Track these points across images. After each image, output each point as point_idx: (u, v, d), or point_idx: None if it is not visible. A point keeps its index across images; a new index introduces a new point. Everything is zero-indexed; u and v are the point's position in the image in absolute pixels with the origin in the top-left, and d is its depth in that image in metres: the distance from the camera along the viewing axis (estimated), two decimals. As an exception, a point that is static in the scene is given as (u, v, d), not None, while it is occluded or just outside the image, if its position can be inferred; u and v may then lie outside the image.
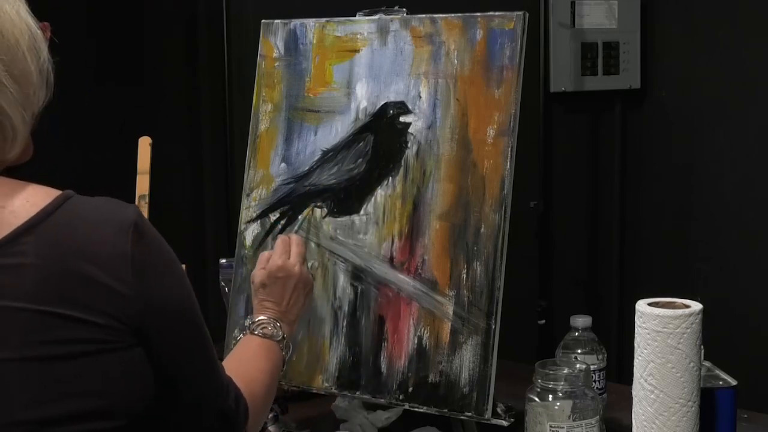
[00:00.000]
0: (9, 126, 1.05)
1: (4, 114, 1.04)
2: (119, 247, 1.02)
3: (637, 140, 3.18)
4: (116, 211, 1.05)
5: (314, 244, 1.66)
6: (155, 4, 2.71)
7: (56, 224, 1.01)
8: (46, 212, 1.01)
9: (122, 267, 1.01)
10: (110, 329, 1.00)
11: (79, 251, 1.00)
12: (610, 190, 3.23)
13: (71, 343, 0.99)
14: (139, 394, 1.04)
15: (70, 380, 0.98)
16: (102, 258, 1.01)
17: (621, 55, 3.09)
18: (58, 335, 0.98)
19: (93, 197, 1.06)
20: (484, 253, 1.53)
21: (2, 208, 1.01)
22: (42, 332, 0.98)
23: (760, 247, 2.90)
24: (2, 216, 1.01)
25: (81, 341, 0.99)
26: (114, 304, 1.01)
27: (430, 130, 1.60)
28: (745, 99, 2.92)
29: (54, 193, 1.04)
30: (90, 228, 1.02)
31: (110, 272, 1.01)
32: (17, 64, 1.05)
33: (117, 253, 1.01)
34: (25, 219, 1.00)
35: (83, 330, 0.99)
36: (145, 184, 1.81)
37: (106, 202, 1.06)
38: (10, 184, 1.05)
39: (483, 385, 1.50)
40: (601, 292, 3.26)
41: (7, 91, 1.04)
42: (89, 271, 1.00)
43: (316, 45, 1.71)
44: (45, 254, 0.99)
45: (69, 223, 1.01)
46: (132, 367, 1.03)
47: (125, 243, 1.02)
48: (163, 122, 2.69)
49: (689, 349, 1.30)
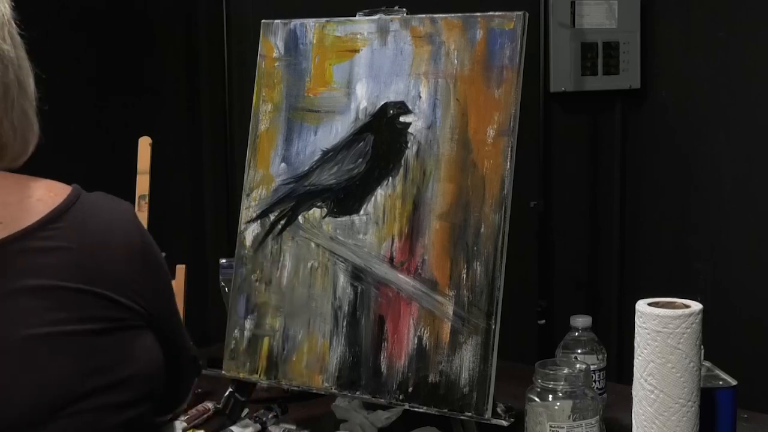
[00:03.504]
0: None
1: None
2: (133, 239, 1.11)
3: (637, 140, 3.19)
4: (119, 205, 1.13)
5: (314, 244, 1.66)
6: (155, 4, 2.71)
7: (82, 212, 1.08)
8: (70, 201, 1.08)
9: (136, 257, 1.10)
10: (132, 311, 1.08)
11: (104, 239, 1.08)
12: (610, 190, 3.23)
13: (104, 320, 1.05)
14: (157, 367, 1.13)
15: (103, 353, 1.05)
16: (121, 245, 1.09)
17: (621, 55, 3.09)
18: (92, 312, 1.05)
19: (92, 192, 1.12)
20: (484, 253, 1.53)
21: (29, 197, 1.07)
22: (78, 309, 1.04)
23: (760, 247, 2.90)
24: (31, 204, 1.06)
25: (111, 319, 1.06)
26: (133, 289, 1.09)
27: (430, 130, 1.60)
28: (745, 99, 2.93)
29: (67, 186, 1.11)
30: (110, 218, 1.10)
31: (128, 261, 1.09)
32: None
33: (131, 245, 1.10)
34: (53, 207, 1.06)
35: (113, 309, 1.06)
36: (145, 184, 1.81)
37: (105, 197, 1.13)
38: (27, 179, 1.10)
39: (483, 385, 1.50)
40: (601, 292, 3.26)
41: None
42: (113, 258, 1.07)
43: (316, 45, 1.71)
44: (76, 238, 1.05)
45: (92, 212, 1.09)
46: (150, 343, 1.12)
47: (135, 234, 1.12)
48: (163, 122, 2.69)
49: (689, 349, 1.30)
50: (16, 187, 1.08)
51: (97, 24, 2.54)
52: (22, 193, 1.07)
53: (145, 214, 1.78)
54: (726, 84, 2.96)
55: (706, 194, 3.04)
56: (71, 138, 2.38)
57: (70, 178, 1.12)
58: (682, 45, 3.08)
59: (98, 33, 2.54)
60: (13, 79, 1.08)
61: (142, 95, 2.67)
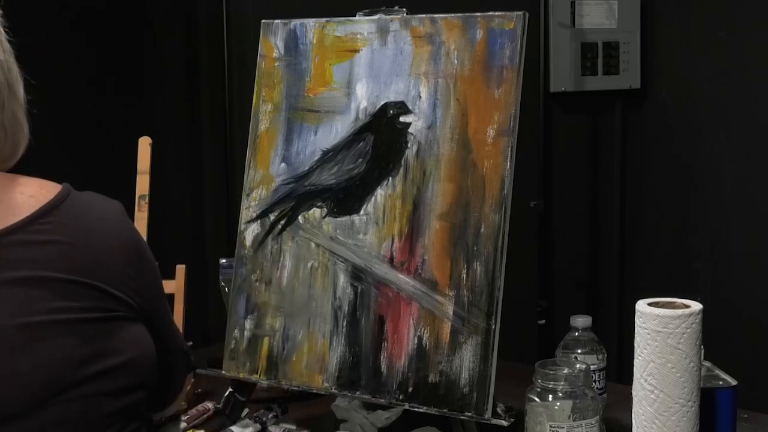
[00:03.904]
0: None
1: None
2: (124, 234, 1.14)
3: (637, 140, 3.18)
4: (109, 202, 1.16)
5: (314, 244, 1.66)
6: (155, 4, 2.71)
7: (74, 207, 1.10)
8: (61, 197, 1.10)
9: (128, 253, 1.13)
10: (125, 304, 1.11)
11: (96, 234, 1.11)
12: (610, 190, 3.23)
13: (97, 310, 1.08)
14: (149, 356, 1.15)
15: (96, 341, 1.07)
16: (114, 242, 1.12)
17: (621, 55, 3.09)
18: (85, 302, 1.07)
19: (82, 192, 1.15)
20: (484, 253, 1.53)
21: (20, 193, 1.09)
22: (73, 298, 1.06)
23: (760, 247, 2.90)
24: (23, 199, 1.09)
25: (104, 309, 1.09)
26: (125, 283, 1.12)
27: (430, 130, 1.60)
28: (745, 99, 2.93)
29: (57, 185, 1.13)
30: (101, 215, 1.13)
31: (121, 256, 1.12)
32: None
33: (123, 241, 1.13)
34: (44, 202, 1.09)
35: (106, 300, 1.09)
36: (145, 184, 1.81)
37: (94, 195, 1.16)
38: (16, 177, 1.13)
39: (483, 385, 1.50)
40: (601, 292, 3.26)
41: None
42: (107, 252, 1.10)
43: (316, 45, 1.71)
44: (69, 232, 1.08)
45: (83, 209, 1.11)
46: (142, 334, 1.15)
47: (127, 232, 1.15)
48: (163, 122, 2.70)
49: (689, 349, 1.30)
50: (7, 185, 1.10)
51: (97, 24, 2.54)
52: (14, 190, 1.10)
53: (145, 214, 1.78)
54: (726, 84, 2.96)
55: (706, 194, 3.04)
56: (71, 138, 2.38)
57: (70, 178, 1.13)
58: (682, 45, 3.08)
59: (98, 33, 2.54)
60: (3, 83, 1.11)
61: (142, 95, 2.67)
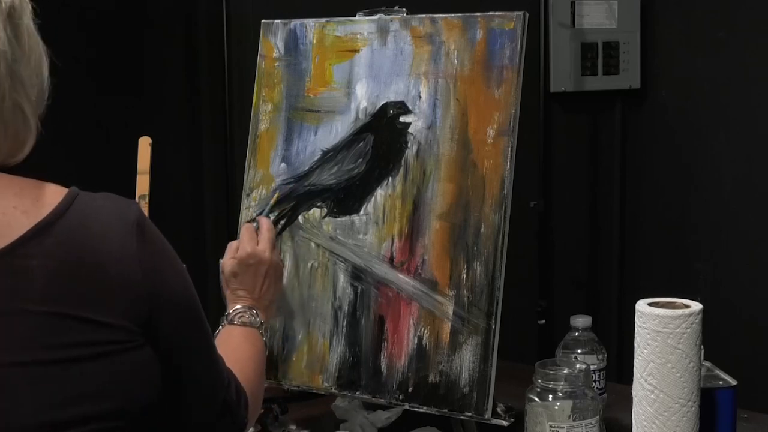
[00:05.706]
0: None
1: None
2: (128, 246, 1.03)
3: (637, 140, 3.18)
4: (121, 210, 1.05)
5: (314, 244, 1.66)
6: (155, 4, 2.71)
7: (70, 225, 1.01)
8: (58, 212, 1.01)
9: (132, 266, 1.02)
10: (121, 329, 1.01)
11: (94, 251, 1.01)
12: (610, 190, 3.23)
13: (83, 345, 0.99)
14: (148, 392, 1.04)
15: (83, 382, 0.98)
16: (114, 257, 1.01)
17: (621, 55, 3.09)
18: (70, 338, 0.98)
19: (95, 193, 1.06)
20: (484, 253, 1.53)
21: (14, 208, 1.00)
22: (54, 335, 0.97)
23: (760, 247, 2.90)
24: (15, 216, 1.00)
25: (93, 344, 0.99)
26: (125, 302, 1.01)
27: (430, 130, 1.60)
28: (745, 99, 2.92)
29: (62, 190, 1.04)
30: (102, 228, 1.02)
31: (121, 271, 1.01)
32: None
33: (126, 253, 1.02)
34: (38, 219, 1.00)
35: (96, 332, 0.99)
36: (145, 184, 1.81)
37: (108, 200, 1.06)
38: (19, 182, 1.04)
39: (483, 385, 1.50)
40: (601, 292, 3.25)
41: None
42: (103, 271, 1.00)
43: (316, 45, 1.71)
44: (59, 255, 0.99)
45: (82, 223, 1.02)
46: (141, 366, 1.04)
47: (132, 242, 1.03)
48: (163, 122, 2.69)
49: (689, 349, 1.30)
50: (1, 194, 1.01)
51: (97, 24, 2.54)
52: (7, 202, 1.01)
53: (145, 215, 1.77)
54: (726, 84, 2.96)
55: (706, 194, 3.04)
56: (71, 138, 2.37)
57: (69, 178, 1.11)
58: (682, 45, 3.08)
59: (98, 33, 2.54)
60: (5, 73, 1.02)
61: (142, 95, 2.66)
